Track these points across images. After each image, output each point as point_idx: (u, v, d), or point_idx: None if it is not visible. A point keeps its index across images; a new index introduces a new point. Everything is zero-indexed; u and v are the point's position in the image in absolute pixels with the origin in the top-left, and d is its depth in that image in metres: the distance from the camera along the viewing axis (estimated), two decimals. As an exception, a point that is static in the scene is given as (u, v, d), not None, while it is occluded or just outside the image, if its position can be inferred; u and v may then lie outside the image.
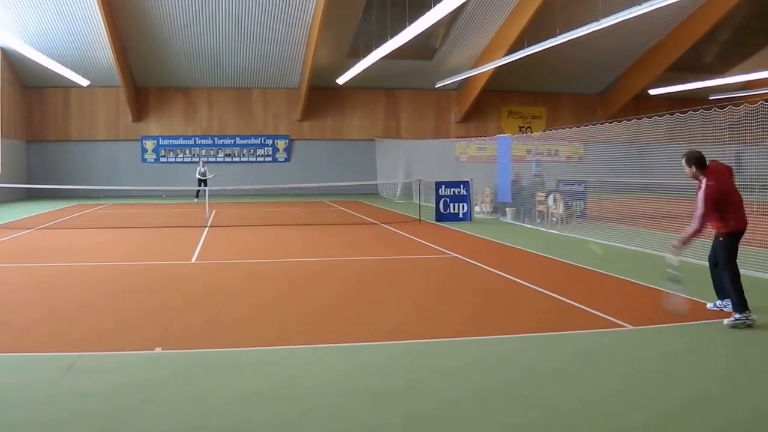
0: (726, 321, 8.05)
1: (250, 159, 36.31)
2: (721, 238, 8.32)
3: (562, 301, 9.52)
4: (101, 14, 26.22)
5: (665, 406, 5.54)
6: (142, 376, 6.33)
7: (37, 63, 27.30)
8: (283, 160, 36.55)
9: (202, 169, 31.36)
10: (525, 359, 6.90)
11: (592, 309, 8.92)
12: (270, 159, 36.49)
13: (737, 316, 7.96)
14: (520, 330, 7.99)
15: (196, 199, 29.94)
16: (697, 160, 8.30)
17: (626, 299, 9.81)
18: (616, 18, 18.69)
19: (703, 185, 8.16)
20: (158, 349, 7.08)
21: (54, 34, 28.37)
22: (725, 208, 8.15)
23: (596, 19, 19.71)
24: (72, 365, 6.50)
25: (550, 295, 9.90)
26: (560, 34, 22.12)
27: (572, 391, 5.90)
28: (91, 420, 5.26)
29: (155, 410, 5.48)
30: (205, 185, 28.29)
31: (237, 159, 36.16)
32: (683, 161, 8.42)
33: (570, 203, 19.27)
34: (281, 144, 36.50)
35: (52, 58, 26.73)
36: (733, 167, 8.71)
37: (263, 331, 8.02)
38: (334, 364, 6.77)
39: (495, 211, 22.67)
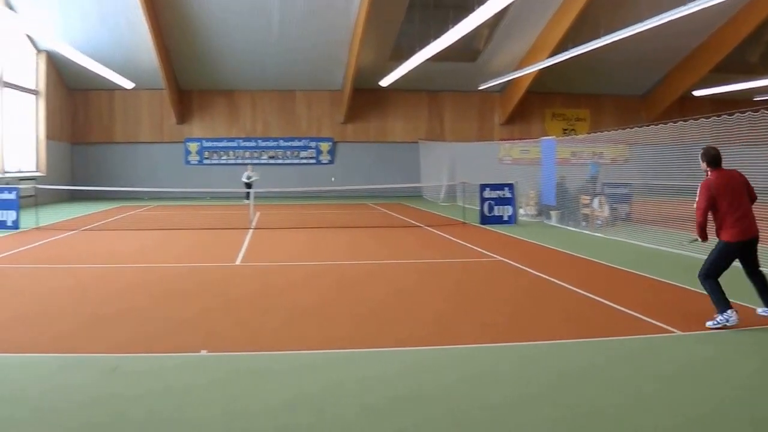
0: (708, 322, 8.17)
1: (294, 161, 36.45)
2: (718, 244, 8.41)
3: (609, 305, 9.41)
4: (145, 17, 26.64)
5: (712, 409, 5.46)
6: (184, 379, 6.37)
7: (82, 66, 27.72)
8: (326, 162, 36.66)
9: (250, 173, 31.44)
10: (571, 363, 6.83)
11: (639, 314, 8.81)
12: (314, 161, 36.61)
13: (718, 318, 8.09)
14: (568, 335, 7.91)
15: (246, 200, 30.08)
16: (704, 156, 8.40)
17: (674, 304, 9.62)
18: (661, 19, 18.42)
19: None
20: (204, 352, 7.12)
21: (98, 37, 28.77)
22: (723, 212, 8.19)
23: (640, 19, 19.46)
24: (116, 368, 6.58)
25: (597, 300, 9.80)
26: (604, 35, 21.86)
27: (620, 397, 5.83)
28: (133, 422, 5.31)
29: (196, 414, 5.51)
30: (249, 188, 28.37)
31: (281, 161, 36.31)
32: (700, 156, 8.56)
33: (615, 206, 19.07)
34: (325, 146, 36.60)
35: (96, 60, 27.09)
36: None
37: (307, 335, 8.00)
38: (381, 367, 6.76)
39: (540, 214, 22.51)
